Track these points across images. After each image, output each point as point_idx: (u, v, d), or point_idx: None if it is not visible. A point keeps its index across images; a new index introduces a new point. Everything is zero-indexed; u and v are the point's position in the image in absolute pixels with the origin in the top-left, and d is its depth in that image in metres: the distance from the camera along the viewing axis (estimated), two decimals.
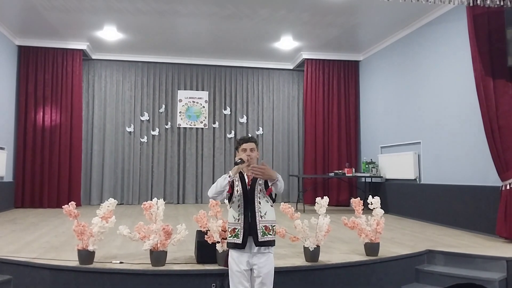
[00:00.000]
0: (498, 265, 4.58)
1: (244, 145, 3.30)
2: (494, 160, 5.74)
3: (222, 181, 3.13)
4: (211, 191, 3.16)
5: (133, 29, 9.00)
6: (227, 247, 3.32)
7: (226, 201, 3.34)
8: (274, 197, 3.32)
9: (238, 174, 3.25)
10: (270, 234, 3.23)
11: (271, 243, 3.24)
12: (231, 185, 3.20)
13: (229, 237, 3.23)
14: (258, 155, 3.39)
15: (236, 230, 3.19)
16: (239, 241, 3.16)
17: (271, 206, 3.28)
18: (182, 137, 11.20)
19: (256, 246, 3.17)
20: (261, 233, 3.18)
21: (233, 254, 3.21)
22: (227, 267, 3.27)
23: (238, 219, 3.20)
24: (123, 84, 11.05)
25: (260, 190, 3.24)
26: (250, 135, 3.77)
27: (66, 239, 5.55)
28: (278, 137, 11.60)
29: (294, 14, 8.08)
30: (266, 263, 3.18)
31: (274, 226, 3.28)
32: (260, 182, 3.26)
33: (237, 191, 3.22)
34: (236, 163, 3.20)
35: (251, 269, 3.18)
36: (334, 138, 10.73)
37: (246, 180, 3.27)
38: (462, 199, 6.87)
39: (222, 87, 11.49)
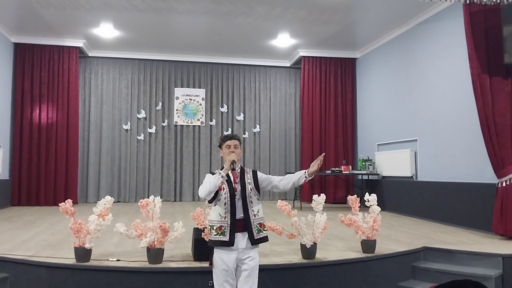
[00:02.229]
0: (494, 262, 4.60)
1: (228, 142, 3.31)
2: (490, 157, 5.76)
3: (215, 181, 3.10)
4: (203, 192, 3.13)
5: (129, 27, 8.97)
6: (210, 245, 3.26)
7: (207, 201, 3.35)
8: (259, 193, 3.33)
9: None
10: (265, 230, 3.28)
11: (266, 239, 3.28)
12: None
13: (214, 234, 3.19)
14: (241, 152, 3.39)
15: (223, 228, 3.18)
16: (226, 238, 3.15)
17: (258, 199, 3.31)
18: (179, 134, 11.19)
19: (253, 244, 3.18)
20: (256, 231, 3.21)
21: (220, 253, 3.17)
22: (211, 266, 3.24)
23: (225, 217, 3.19)
24: (119, 81, 11.02)
25: (251, 189, 3.26)
26: (234, 133, 3.80)
27: (63, 237, 5.54)
28: (275, 135, 11.61)
29: (291, 11, 8.07)
30: (254, 256, 3.21)
31: (264, 221, 3.33)
32: (250, 181, 3.28)
33: (223, 189, 3.21)
34: (233, 169, 3.19)
35: (236, 265, 3.19)
36: (331, 136, 10.74)
37: (232, 178, 3.27)
38: (458, 196, 6.89)
39: (219, 84, 11.47)
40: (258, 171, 3.40)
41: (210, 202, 3.29)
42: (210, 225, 3.26)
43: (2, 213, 8.19)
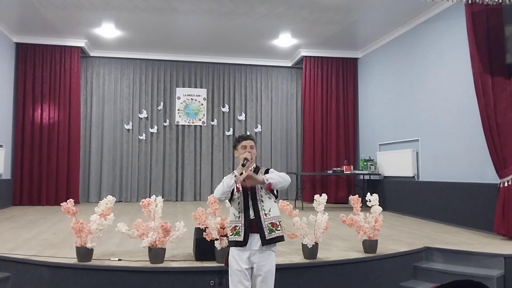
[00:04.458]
0: (496, 262, 4.60)
1: (244, 143, 3.30)
2: (492, 157, 5.75)
3: (228, 181, 3.13)
4: (217, 192, 3.19)
5: (131, 26, 8.98)
6: (228, 245, 3.32)
7: (227, 201, 3.35)
8: (276, 192, 3.28)
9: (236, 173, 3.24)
10: (278, 230, 3.22)
11: (280, 239, 3.22)
12: None
13: (230, 235, 3.24)
14: (256, 153, 3.39)
15: (237, 228, 3.18)
16: (240, 238, 3.15)
17: (274, 201, 3.28)
18: (181, 134, 11.19)
19: (264, 244, 3.14)
20: (268, 231, 3.17)
21: (233, 252, 3.19)
22: (227, 266, 3.25)
23: (239, 217, 3.20)
24: (121, 81, 11.03)
25: (262, 188, 3.23)
26: (248, 133, 3.79)
27: (65, 237, 5.55)
28: (276, 135, 11.60)
29: (292, 11, 8.07)
30: (267, 261, 3.17)
31: (280, 221, 3.28)
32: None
33: (237, 189, 3.22)
34: (243, 165, 3.17)
35: (251, 268, 3.17)
36: (333, 136, 10.74)
37: None
38: (460, 196, 6.88)
39: (220, 84, 11.48)
40: (270, 169, 3.34)
41: (230, 201, 3.32)
42: (228, 225, 3.32)
43: (4, 213, 8.20)
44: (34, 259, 4.25)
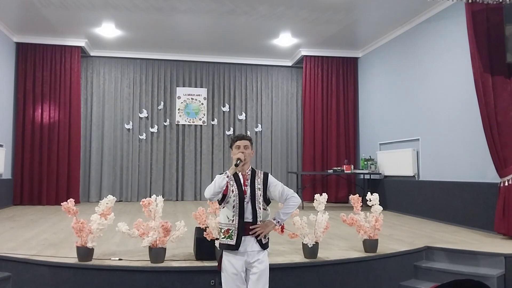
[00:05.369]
0: (496, 261, 4.60)
1: (238, 143, 3.27)
2: (493, 156, 5.75)
3: (220, 182, 3.07)
4: (208, 192, 3.10)
5: (131, 26, 8.98)
6: (219, 248, 3.26)
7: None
8: (268, 199, 3.32)
9: (232, 175, 3.20)
10: (267, 237, 3.27)
11: (267, 245, 3.27)
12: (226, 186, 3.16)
13: (222, 238, 3.18)
14: (252, 153, 3.36)
15: (230, 231, 3.14)
16: (233, 242, 3.11)
17: (265, 210, 3.28)
18: (181, 134, 11.19)
19: (263, 249, 3.18)
20: (263, 237, 3.18)
21: (229, 257, 3.14)
22: (220, 268, 3.21)
23: (232, 220, 3.15)
24: (121, 81, 11.03)
25: (260, 195, 3.22)
26: (245, 133, 3.78)
27: (65, 236, 5.55)
28: (276, 134, 11.60)
29: (292, 10, 8.07)
30: (263, 259, 3.18)
31: None
32: (259, 186, 3.24)
33: (232, 191, 3.17)
34: (236, 165, 3.14)
35: (246, 269, 3.17)
36: (333, 135, 10.74)
37: (242, 181, 3.23)
38: (460, 195, 6.88)
39: (220, 84, 11.47)
40: (269, 175, 3.32)
41: (219, 203, 3.25)
42: (219, 228, 3.25)
43: (5, 212, 8.21)
44: (34, 259, 4.25)
